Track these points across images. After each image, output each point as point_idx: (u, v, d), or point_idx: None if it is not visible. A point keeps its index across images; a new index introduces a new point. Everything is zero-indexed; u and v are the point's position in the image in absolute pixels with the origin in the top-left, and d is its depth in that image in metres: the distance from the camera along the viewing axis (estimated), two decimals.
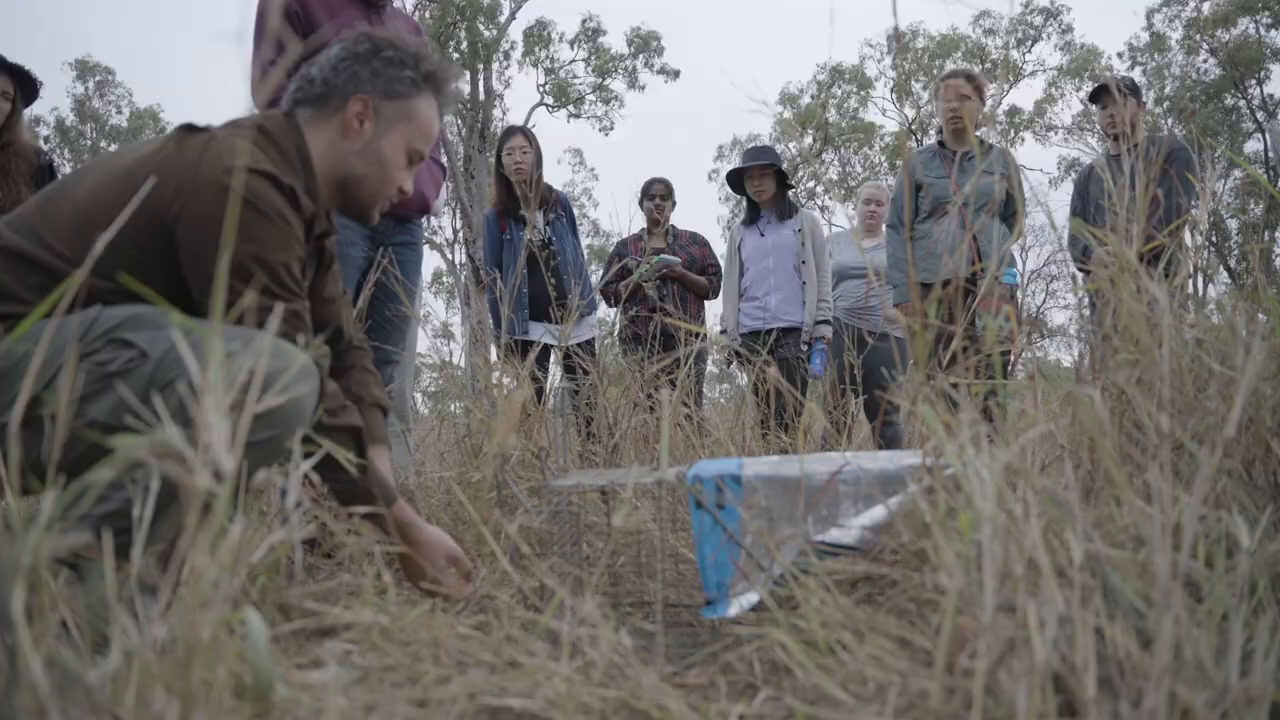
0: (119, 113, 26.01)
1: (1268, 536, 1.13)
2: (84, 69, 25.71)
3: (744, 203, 4.34)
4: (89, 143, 25.56)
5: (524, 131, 4.04)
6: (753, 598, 1.38)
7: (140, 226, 1.32)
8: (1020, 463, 1.02)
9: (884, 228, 4.03)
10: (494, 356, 3.78)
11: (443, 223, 21.94)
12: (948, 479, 1.27)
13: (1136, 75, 22.64)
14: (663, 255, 4.26)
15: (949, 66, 23.05)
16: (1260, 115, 21.91)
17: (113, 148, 24.84)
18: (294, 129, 1.52)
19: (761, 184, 4.15)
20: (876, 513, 1.39)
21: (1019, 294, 3.54)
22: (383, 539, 1.48)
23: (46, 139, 24.39)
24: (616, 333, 4.23)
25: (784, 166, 4.20)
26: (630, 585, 1.71)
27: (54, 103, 25.60)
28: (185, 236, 1.32)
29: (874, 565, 1.32)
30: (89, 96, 25.71)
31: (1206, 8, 21.95)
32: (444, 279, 25.42)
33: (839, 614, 1.10)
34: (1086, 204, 3.87)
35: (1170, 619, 0.74)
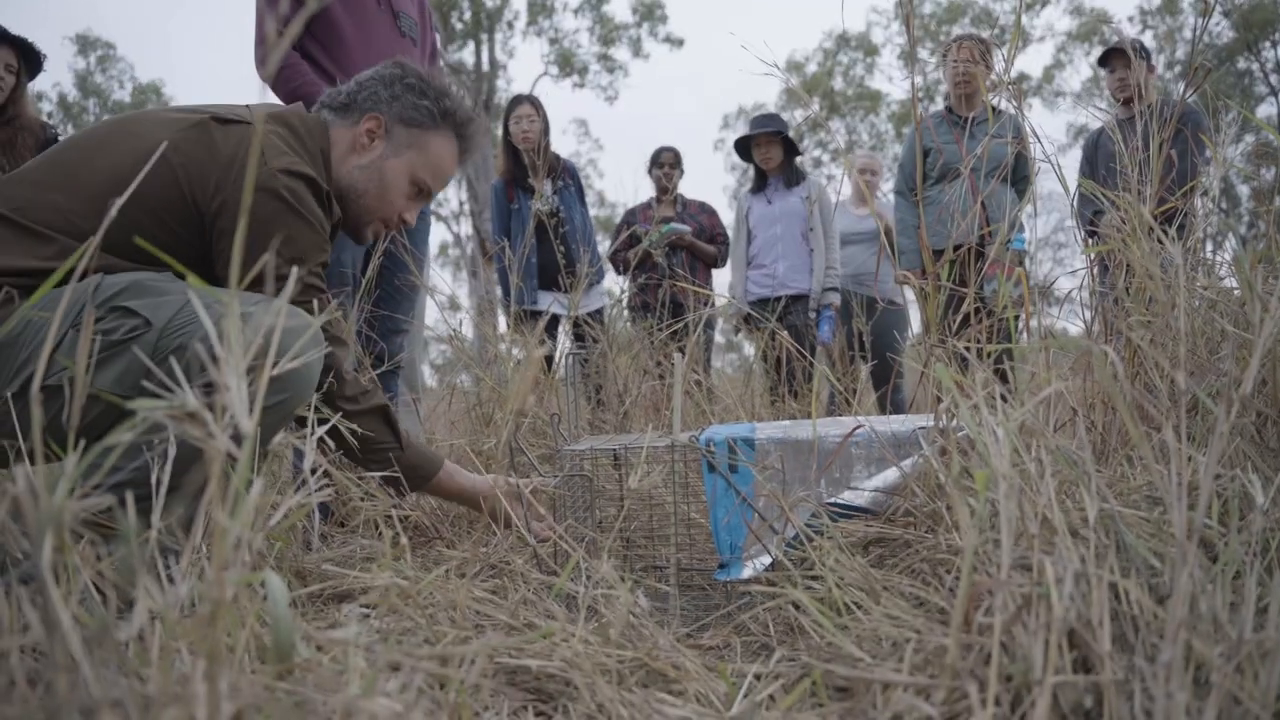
0: (121, 87, 25.89)
1: None
2: (85, 44, 25.57)
3: (751, 171, 4.31)
4: (92, 117, 25.46)
5: (531, 100, 4.01)
6: (766, 560, 1.39)
7: (172, 212, 1.34)
8: (1034, 422, 1.02)
9: (892, 193, 4.01)
10: (503, 327, 3.78)
11: (448, 194, 21.87)
12: (961, 440, 1.27)
13: (1148, 39, 22.37)
14: (672, 224, 4.25)
15: (955, 32, 22.78)
16: (1274, 78, 21.62)
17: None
18: (322, 131, 1.55)
19: (769, 151, 4.12)
20: (889, 475, 1.39)
21: (1028, 259, 3.52)
22: (405, 502, 1.52)
23: (50, 114, 24.32)
24: (625, 301, 4.22)
25: (790, 134, 4.17)
26: (643, 550, 1.72)
27: (56, 77, 25.50)
28: (226, 229, 1.34)
29: (887, 527, 1.32)
30: (91, 71, 25.60)
31: None
32: (449, 251, 25.39)
33: (854, 574, 1.11)
34: (1095, 168, 3.84)
35: (1186, 574, 0.75)
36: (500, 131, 4.06)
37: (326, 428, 1.06)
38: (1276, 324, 0.94)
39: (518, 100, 4.02)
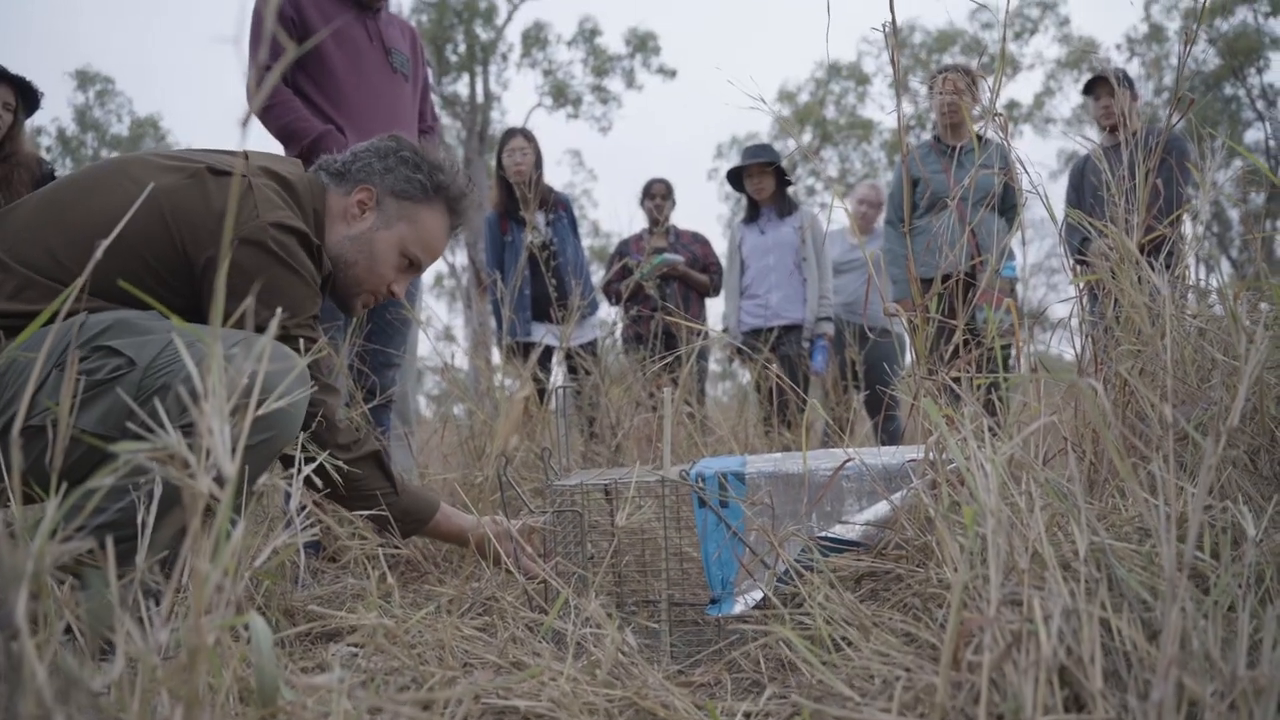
0: (119, 121, 26.04)
1: (1274, 525, 1.13)
2: (84, 79, 25.75)
3: (744, 201, 4.34)
4: (90, 152, 25.58)
5: (523, 132, 4.04)
6: (757, 595, 1.38)
7: (164, 261, 1.34)
8: (1023, 455, 1.02)
9: (883, 223, 4.03)
10: (496, 359, 3.78)
11: None
12: (951, 473, 1.27)
13: (1134, 66, 22.65)
14: (665, 254, 4.27)
15: (945, 61, 23.04)
16: (1260, 104, 21.90)
17: (114, 155, 24.83)
18: (320, 192, 1.56)
19: (761, 182, 4.15)
20: (880, 508, 1.38)
21: (1019, 287, 3.53)
22: (397, 541, 1.51)
23: (48, 149, 24.42)
24: (619, 332, 4.23)
25: (783, 164, 4.20)
26: (635, 585, 1.71)
27: (55, 112, 25.66)
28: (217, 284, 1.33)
29: (878, 561, 1.31)
30: (89, 106, 25.76)
31: None
32: (444, 282, 25.44)
33: (844, 610, 1.10)
34: (1082, 195, 3.86)
35: (1177, 610, 0.74)
36: (494, 163, 4.08)
37: (314, 465, 1.06)
38: (1262, 354, 0.95)
39: (511, 133, 4.06)
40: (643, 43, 21.97)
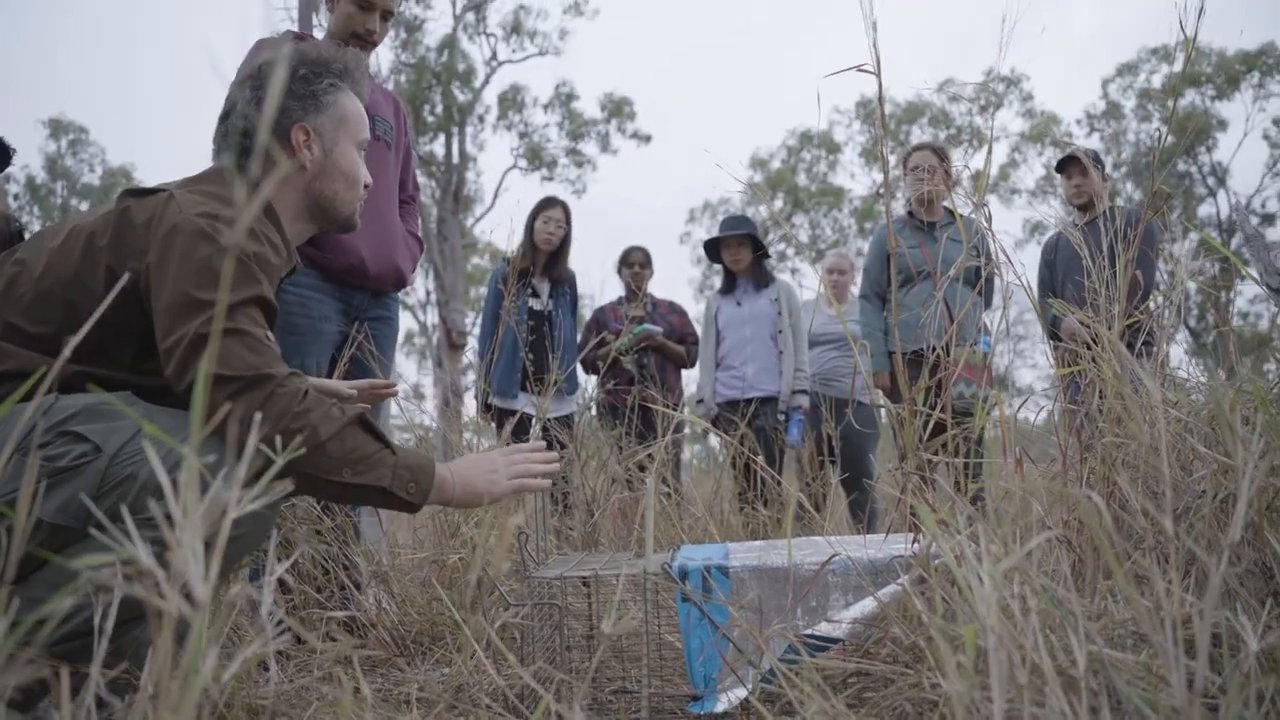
0: (91, 171, 25.92)
1: (1269, 629, 1.11)
2: (57, 127, 25.67)
3: (716, 266, 4.36)
4: (59, 200, 25.39)
5: (562, 205, 4.11)
6: (741, 692, 1.34)
7: (108, 285, 1.29)
8: (1020, 563, 1.00)
9: (857, 297, 4.06)
10: (471, 413, 3.76)
11: (415, 284, 21.92)
12: (938, 567, 1.24)
13: (1094, 141, 23.44)
14: (644, 325, 4.27)
15: (914, 133, 23.65)
16: (1211, 180, 22.72)
17: (83, 206, 24.70)
18: (247, 179, 1.50)
19: (738, 253, 4.17)
20: (866, 604, 1.35)
21: (992, 360, 3.57)
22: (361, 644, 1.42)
23: (15, 196, 24.20)
24: (594, 404, 4.21)
25: (760, 235, 4.23)
26: (612, 671, 1.66)
27: (25, 159, 25.50)
28: (156, 277, 1.29)
29: (866, 661, 1.28)
30: (61, 155, 25.63)
31: (1157, 80, 22.91)
32: (415, 340, 25.31)
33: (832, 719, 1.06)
34: (1054, 274, 3.92)
35: None
36: (526, 220, 4.12)
37: (288, 564, 1.01)
38: (1259, 470, 0.94)
39: (550, 202, 4.12)
40: (618, 108, 22.33)
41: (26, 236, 3.19)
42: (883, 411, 4.41)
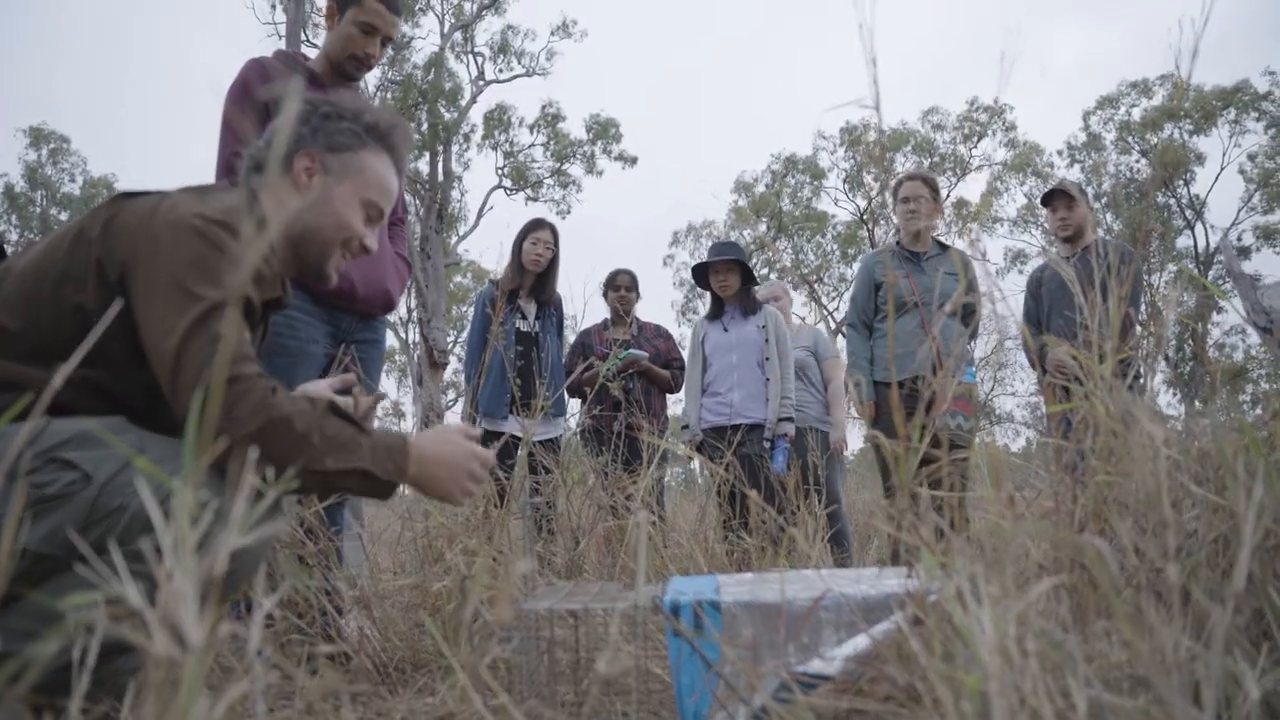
0: (71, 181, 25.73)
1: (1264, 673, 1.10)
2: (38, 136, 25.48)
3: (701, 290, 4.36)
4: (38, 210, 25.16)
5: (551, 227, 4.14)
6: None
7: (96, 284, 1.27)
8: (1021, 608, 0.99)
9: (845, 327, 4.07)
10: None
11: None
12: (934, 606, 1.23)
13: (1075, 172, 23.80)
14: (631, 350, 4.26)
15: (899, 160, 23.90)
16: (1189, 213, 23.10)
17: (63, 216, 24.47)
18: (248, 195, 1.49)
19: (726, 279, 4.16)
20: (860, 642, 1.34)
21: (976, 389, 3.58)
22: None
23: None
24: (579, 429, 4.20)
25: (749, 261, 4.24)
26: (597, 704, 1.63)
27: (4, 168, 25.31)
28: (142, 275, 1.26)
29: (860, 700, 1.26)
30: (41, 164, 25.43)
31: (1136, 113, 23.35)
32: (396, 358, 25.19)
33: None
34: (1039, 306, 3.95)
35: None
36: (514, 241, 4.13)
37: (276, 597, 0.99)
38: (1266, 523, 0.93)
39: (539, 223, 4.13)
40: (604, 129, 22.41)
41: (5, 245, 3.16)
42: (862, 440, 4.41)
